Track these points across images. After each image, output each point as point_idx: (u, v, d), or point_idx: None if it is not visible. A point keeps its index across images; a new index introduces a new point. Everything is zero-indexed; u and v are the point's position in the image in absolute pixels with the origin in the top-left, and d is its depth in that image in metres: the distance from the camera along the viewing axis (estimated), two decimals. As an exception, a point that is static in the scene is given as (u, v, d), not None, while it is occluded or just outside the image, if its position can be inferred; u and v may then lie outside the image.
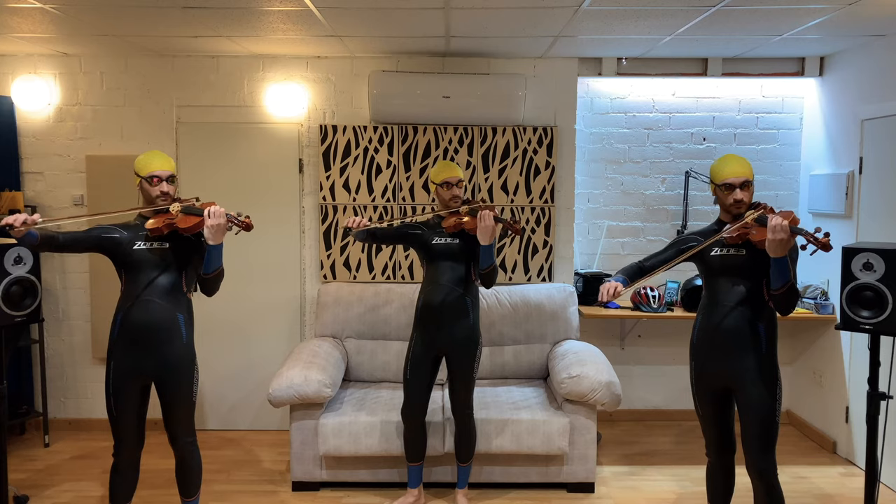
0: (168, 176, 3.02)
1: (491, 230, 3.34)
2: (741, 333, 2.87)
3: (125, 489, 3.09)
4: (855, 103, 4.40)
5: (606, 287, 2.84)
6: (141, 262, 2.98)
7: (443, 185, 3.52)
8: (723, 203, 2.93)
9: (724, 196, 2.90)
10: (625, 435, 4.91)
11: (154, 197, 3.01)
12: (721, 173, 2.90)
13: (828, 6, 3.47)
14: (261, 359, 4.89)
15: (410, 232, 3.61)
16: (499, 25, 3.87)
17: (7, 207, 4.53)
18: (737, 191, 2.86)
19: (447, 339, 3.54)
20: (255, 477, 4.19)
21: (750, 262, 2.87)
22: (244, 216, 2.97)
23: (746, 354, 2.86)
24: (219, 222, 2.90)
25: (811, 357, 4.88)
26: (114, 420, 3.01)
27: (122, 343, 2.98)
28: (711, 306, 2.95)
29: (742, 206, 2.87)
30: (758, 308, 2.87)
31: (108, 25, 3.91)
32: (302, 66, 4.78)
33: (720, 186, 2.90)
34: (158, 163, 3.02)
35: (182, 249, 3.05)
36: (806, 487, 4.06)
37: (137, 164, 3.04)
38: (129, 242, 2.99)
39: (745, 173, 2.87)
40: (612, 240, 5.10)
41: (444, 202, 3.55)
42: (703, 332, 2.97)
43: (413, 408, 3.61)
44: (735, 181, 2.86)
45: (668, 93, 5.00)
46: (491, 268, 3.43)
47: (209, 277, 3.00)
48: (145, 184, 3.01)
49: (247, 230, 2.97)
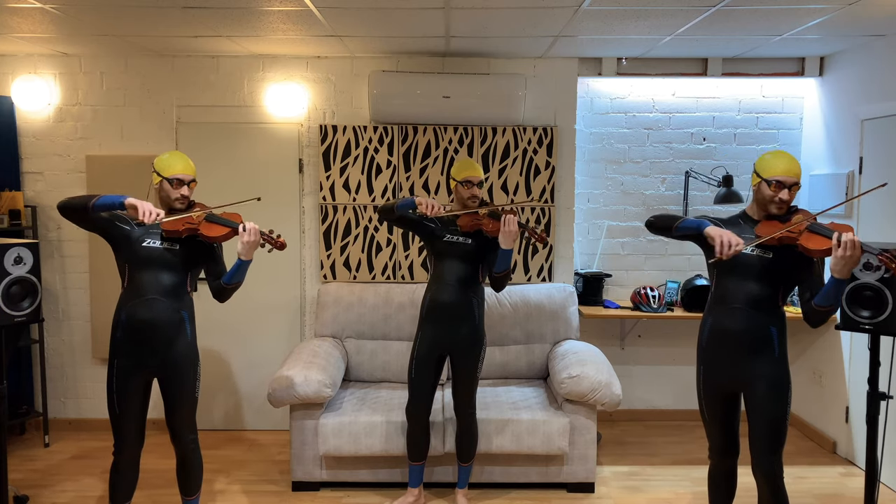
0: (190, 180, 3.04)
1: (514, 235, 3.32)
2: (753, 336, 2.79)
3: (125, 488, 3.09)
4: (855, 103, 4.40)
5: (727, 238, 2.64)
6: (148, 260, 2.98)
7: (464, 183, 3.51)
8: (763, 198, 2.79)
9: (768, 192, 2.76)
10: (625, 435, 4.91)
11: (173, 199, 3.02)
12: (774, 168, 2.75)
13: (828, 6, 3.47)
14: (261, 359, 4.89)
15: (426, 223, 3.59)
16: (499, 25, 3.87)
17: (7, 207, 4.53)
18: (785, 190, 2.74)
19: (452, 338, 3.54)
20: (255, 477, 4.19)
21: (775, 265, 2.76)
22: (277, 235, 3.01)
23: (758, 358, 2.80)
24: (253, 239, 2.95)
25: (811, 357, 4.88)
26: (115, 418, 3.01)
27: (126, 341, 2.98)
28: (722, 307, 2.85)
29: (784, 207, 2.77)
30: (771, 311, 2.80)
31: (108, 25, 3.91)
32: (302, 66, 4.78)
33: (769, 181, 2.75)
34: (182, 166, 3.03)
35: (192, 253, 3.07)
36: (806, 487, 4.06)
37: (160, 163, 3.03)
38: (138, 239, 2.99)
39: (798, 175, 2.76)
40: (612, 240, 5.10)
41: (461, 200, 3.54)
42: (713, 335, 2.89)
43: (418, 407, 3.60)
44: (787, 180, 2.73)
45: (668, 93, 5.00)
46: (506, 272, 3.42)
47: (230, 287, 3.06)
48: (166, 184, 3.01)
49: (280, 249, 3.02)
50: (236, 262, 3.02)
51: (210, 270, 3.13)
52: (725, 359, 2.87)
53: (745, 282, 2.80)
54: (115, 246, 3.02)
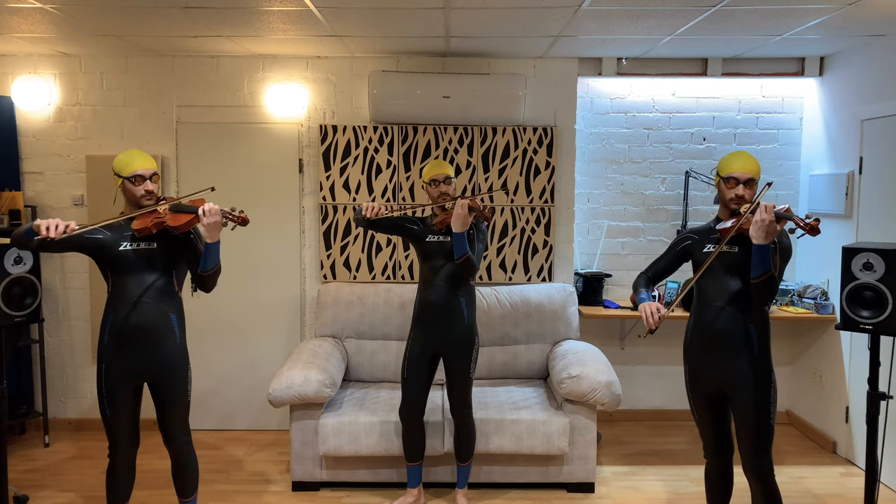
0: (151, 174, 2.96)
1: (462, 218, 3.29)
2: (732, 335, 2.84)
3: (122, 490, 3.08)
4: (855, 103, 4.39)
5: (648, 311, 2.80)
6: (128, 264, 2.93)
7: (431, 183, 3.55)
8: (723, 197, 2.90)
9: (726, 189, 2.87)
10: (625, 435, 4.91)
11: (139, 197, 2.95)
12: (729, 166, 2.87)
13: (828, 6, 3.47)
14: (261, 359, 4.89)
15: (407, 225, 3.62)
16: (499, 25, 3.87)
17: (7, 207, 4.53)
18: (740, 186, 2.83)
19: (444, 339, 3.54)
20: (254, 477, 4.19)
21: (742, 259, 2.83)
22: (238, 210, 2.93)
23: (738, 357, 2.83)
24: (214, 220, 2.85)
25: (811, 357, 4.88)
26: (108, 422, 2.99)
27: (113, 345, 2.94)
28: (702, 306, 2.93)
29: (741, 203, 2.84)
30: (749, 308, 2.84)
31: (108, 25, 3.91)
32: (302, 66, 4.78)
33: (725, 179, 2.87)
34: (140, 161, 2.95)
35: (170, 249, 3.01)
36: (806, 487, 4.06)
37: (117, 164, 2.96)
38: (113, 244, 2.93)
39: (752, 171, 2.84)
40: (612, 240, 5.10)
41: (433, 200, 3.57)
42: (695, 335, 2.96)
43: (411, 407, 3.61)
44: (740, 176, 2.83)
45: (668, 93, 5.00)
46: (464, 257, 3.37)
47: (207, 275, 2.95)
48: (128, 184, 2.94)
49: (242, 225, 2.93)
50: (204, 246, 2.93)
51: (190, 263, 3.05)
52: (708, 359, 2.92)
53: (720, 280, 2.88)
54: (92, 256, 2.95)
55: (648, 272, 3.13)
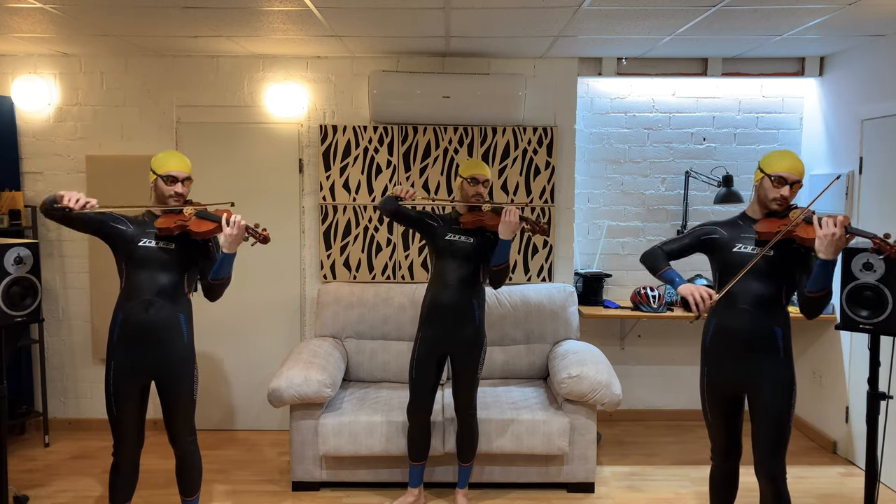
0: (184, 177, 3.04)
1: (514, 226, 3.32)
2: (758, 337, 2.77)
3: (125, 489, 3.09)
4: (855, 103, 4.40)
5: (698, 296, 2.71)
6: (145, 260, 2.98)
7: (470, 180, 3.52)
8: (765, 195, 2.80)
9: (770, 188, 2.77)
10: (625, 435, 4.92)
11: (167, 196, 3.02)
12: (778, 164, 2.77)
13: (828, 6, 3.47)
14: (261, 359, 4.89)
15: (427, 221, 3.60)
16: (499, 25, 3.87)
17: (7, 207, 4.53)
18: (787, 187, 2.75)
19: (453, 339, 3.54)
20: (255, 477, 4.19)
21: (778, 263, 2.76)
22: (262, 228, 2.97)
23: (763, 359, 2.77)
24: (237, 233, 2.90)
25: (811, 357, 4.88)
26: (114, 420, 3.01)
27: (122, 342, 2.98)
28: (726, 307, 2.83)
29: (784, 204, 2.78)
30: (776, 311, 2.78)
31: (108, 25, 3.91)
32: (302, 66, 4.78)
33: (772, 177, 2.76)
34: (176, 163, 3.03)
35: (187, 251, 3.05)
36: (806, 487, 4.06)
37: (155, 161, 3.05)
38: (134, 238, 2.99)
39: (801, 173, 2.78)
40: (612, 240, 5.10)
41: (466, 197, 3.54)
42: (717, 336, 2.87)
43: (419, 407, 3.60)
44: (789, 177, 2.75)
45: (668, 93, 5.00)
46: (504, 265, 3.40)
47: (217, 283, 3.01)
48: (160, 182, 3.02)
49: (263, 243, 2.97)
50: (220, 255, 2.96)
51: (204, 269, 3.09)
52: (729, 360, 2.84)
53: (749, 282, 2.78)
54: (111, 245, 3.02)
55: (664, 247, 3.00)
